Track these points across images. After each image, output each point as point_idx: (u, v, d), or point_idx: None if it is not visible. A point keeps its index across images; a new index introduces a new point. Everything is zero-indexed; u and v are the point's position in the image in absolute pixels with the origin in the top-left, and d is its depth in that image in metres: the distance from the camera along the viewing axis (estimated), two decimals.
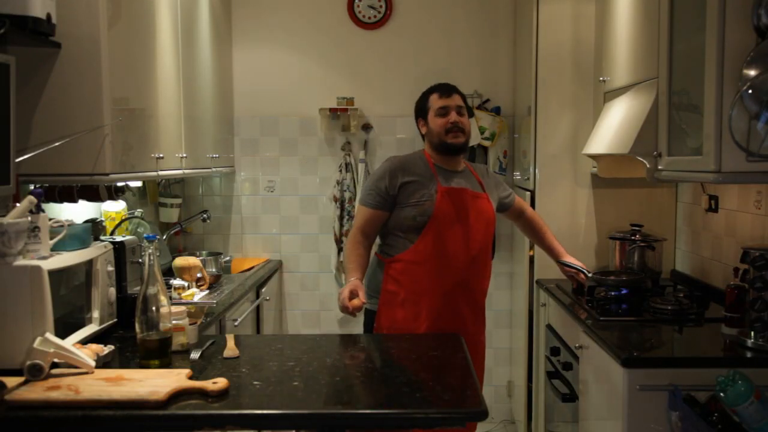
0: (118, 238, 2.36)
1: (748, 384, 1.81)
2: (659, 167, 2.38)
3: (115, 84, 2.26)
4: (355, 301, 2.29)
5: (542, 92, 3.30)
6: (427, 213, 2.45)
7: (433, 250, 2.45)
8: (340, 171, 3.94)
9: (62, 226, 2.01)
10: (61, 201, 2.45)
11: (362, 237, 2.52)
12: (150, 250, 1.90)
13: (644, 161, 2.44)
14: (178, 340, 2.00)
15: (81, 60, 2.17)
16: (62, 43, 2.14)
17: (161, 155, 2.66)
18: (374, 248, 2.61)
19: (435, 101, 2.57)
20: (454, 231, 2.47)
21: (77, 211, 2.74)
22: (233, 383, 1.71)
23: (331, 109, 3.88)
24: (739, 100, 1.86)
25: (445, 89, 2.60)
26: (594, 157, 3.09)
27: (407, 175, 2.49)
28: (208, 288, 2.98)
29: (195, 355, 1.93)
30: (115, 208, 3.01)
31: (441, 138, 2.52)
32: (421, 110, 2.62)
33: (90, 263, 2.11)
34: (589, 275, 2.78)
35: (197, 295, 2.67)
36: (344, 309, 2.32)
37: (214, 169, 3.54)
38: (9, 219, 1.77)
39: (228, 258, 3.93)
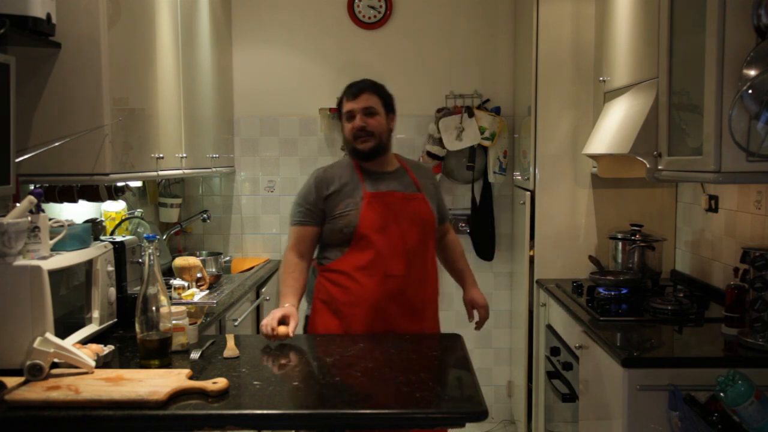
0: (118, 238, 2.36)
1: (748, 384, 1.81)
2: (659, 167, 2.38)
3: (115, 84, 2.26)
4: (282, 329, 2.08)
5: (542, 92, 3.30)
6: (353, 223, 2.31)
7: (363, 261, 2.31)
8: None
9: (62, 226, 2.01)
10: (61, 201, 2.45)
11: (297, 258, 2.39)
12: (150, 250, 1.90)
13: (644, 161, 2.44)
14: (178, 340, 2.00)
15: (81, 60, 2.17)
16: (62, 43, 2.15)
17: (161, 155, 2.66)
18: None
19: (344, 104, 2.42)
20: (386, 237, 2.31)
21: (77, 211, 2.74)
22: (233, 383, 1.71)
23: (331, 109, 3.88)
24: (739, 100, 1.86)
25: (353, 90, 2.42)
26: (594, 157, 3.09)
27: (332, 186, 2.36)
28: (208, 288, 2.98)
29: (195, 355, 1.93)
30: (115, 208, 3.01)
31: (350, 144, 2.39)
32: (339, 114, 2.48)
33: (90, 263, 2.11)
34: (485, 319, 2.59)
35: (197, 295, 2.67)
36: (268, 333, 2.08)
37: (214, 169, 3.54)
38: (9, 219, 1.77)
39: (228, 258, 3.93)
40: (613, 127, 2.74)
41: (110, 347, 1.95)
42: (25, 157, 2.07)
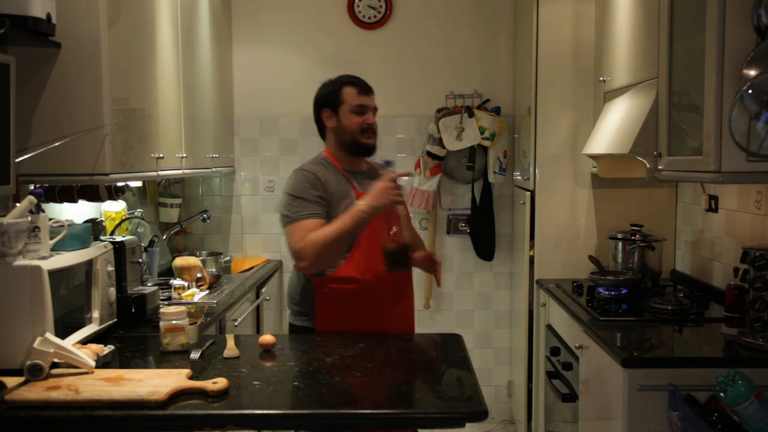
0: (118, 238, 2.36)
1: (748, 384, 1.81)
2: (659, 167, 2.38)
3: (115, 84, 2.26)
4: (268, 338, 2.02)
5: (542, 92, 3.30)
6: None
7: (367, 262, 2.23)
8: None
9: (62, 226, 2.01)
10: (61, 201, 2.45)
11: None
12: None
13: (644, 161, 2.44)
14: (178, 340, 2.00)
15: (81, 60, 2.17)
16: (62, 43, 2.15)
17: (161, 155, 2.66)
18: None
19: (352, 97, 2.32)
20: (381, 237, 2.23)
21: (77, 211, 2.74)
22: (233, 383, 1.71)
23: None
24: (739, 100, 1.86)
25: (364, 86, 2.36)
26: (594, 157, 3.09)
27: (329, 186, 2.25)
28: (208, 288, 2.98)
29: (195, 355, 1.93)
30: (115, 208, 3.01)
31: (354, 137, 2.31)
32: (329, 101, 2.35)
33: (90, 263, 2.11)
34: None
35: (197, 295, 2.67)
36: (396, 189, 2.08)
37: (214, 169, 3.54)
38: (9, 219, 1.77)
39: (228, 258, 3.93)
40: (613, 127, 2.74)
41: (110, 347, 1.95)
42: (25, 157, 2.07)
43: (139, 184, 3.36)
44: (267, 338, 2.03)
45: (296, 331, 2.38)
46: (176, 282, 2.63)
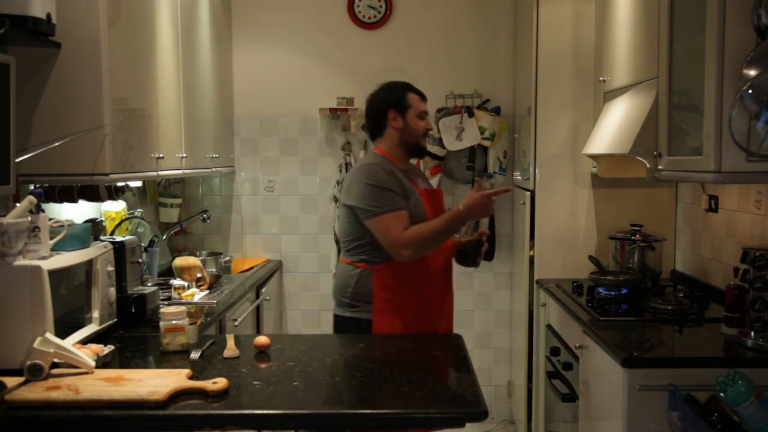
0: (118, 238, 2.36)
1: (748, 384, 1.81)
2: (659, 167, 2.38)
3: (115, 84, 2.26)
4: (263, 339, 2.03)
5: (542, 92, 3.30)
6: (423, 218, 2.41)
7: (429, 256, 2.44)
8: (340, 171, 3.94)
9: (62, 226, 2.01)
10: (61, 201, 2.45)
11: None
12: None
13: (644, 161, 2.44)
14: (178, 340, 2.00)
15: (81, 60, 2.17)
16: (62, 43, 2.15)
17: (161, 155, 2.66)
18: (346, 256, 2.50)
19: (417, 103, 2.53)
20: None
21: (77, 211, 2.74)
22: (233, 383, 1.71)
23: (331, 109, 3.88)
24: (739, 100, 1.86)
25: (424, 95, 2.58)
26: (594, 157, 3.09)
27: (403, 182, 2.43)
28: (208, 288, 2.98)
29: (195, 355, 1.93)
30: (115, 208, 3.01)
31: (418, 139, 2.52)
32: (398, 103, 2.51)
33: (90, 263, 2.11)
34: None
35: (197, 295, 2.67)
36: (486, 197, 2.32)
37: (214, 169, 3.55)
38: (9, 219, 1.77)
39: (228, 258, 3.93)
40: (613, 127, 2.74)
41: (110, 347, 1.95)
42: (25, 157, 2.07)
43: (139, 184, 3.36)
44: (261, 339, 2.03)
45: (344, 323, 2.46)
46: (176, 282, 2.63)
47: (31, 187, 2.23)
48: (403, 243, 2.32)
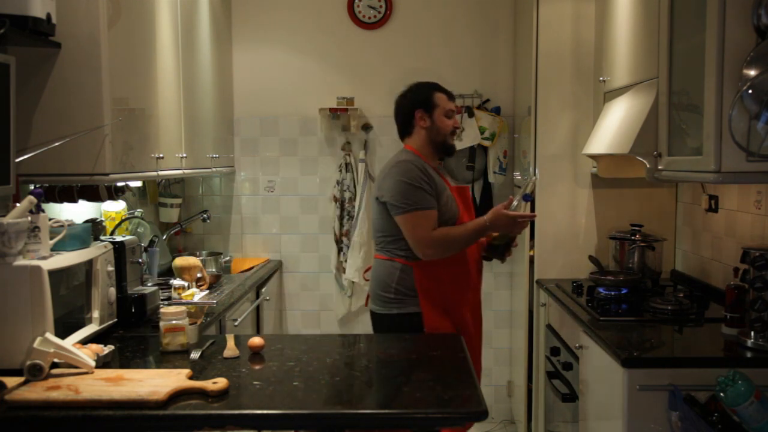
0: (118, 238, 2.36)
1: (748, 384, 1.81)
2: (659, 167, 2.38)
3: (115, 84, 2.26)
4: (257, 340, 2.02)
5: (542, 92, 3.30)
6: (456, 215, 2.49)
7: (466, 252, 2.51)
8: (340, 171, 3.94)
9: (62, 226, 2.01)
10: (61, 201, 2.45)
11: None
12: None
13: (644, 161, 2.44)
14: (178, 340, 2.00)
15: (81, 60, 2.17)
16: (62, 43, 2.15)
17: (161, 155, 2.66)
18: (382, 252, 2.53)
19: (444, 102, 2.57)
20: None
21: (77, 211, 2.74)
22: (233, 383, 1.71)
23: (331, 109, 3.88)
24: (739, 100, 1.86)
25: (451, 94, 2.62)
26: (594, 157, 3.09)
27: (435, 178, 2.47)
28: (208, 288, 2.98)
29: (195, 355, 1.93)
30: (115, 208, 3.01)
31: (446, 138, 2.57)
32: (425, 103, 2.56)
33: (90, 263, 2.11)
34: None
35: (197, 295, 2.67)
36: (517, 220, 2.39)
37: (214, 169, 3.55)
38: (9, 219, 1.77)
39: (228, 258, 3.93)
40: (613, 127, 2.74)
41: (110, 347, 1.95)
42: (25, 157, 2.07)
43: (139, 184, 3.36)
44: (255, 341, 2.02)
45: (390, 321, 2.46)
46: (176, 282, 2.63)
47: (31, 187, 2.23)
48: (429, 242, 2.38)
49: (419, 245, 2.40)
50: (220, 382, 1.66)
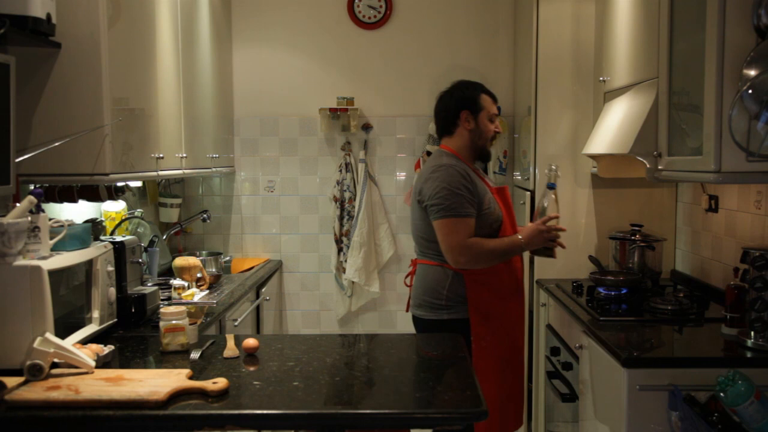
0: (118, 238, 2.36)
1: (748, 384, 1.81)
2: (659, 167, 2.38)
3: (115, 84, 2.26)
4: (252, 341, 1.99)
5: (542, 92, 3.30)
6: (500, 218, 2.46)
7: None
8: (340, 171, 3.94)
9: (62, 226, 2.01)
10: (61, 201, 2.45)
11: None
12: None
13: (644, 161, 2.44)
14: (178, 340, 2.00)
15: (81, 60, 2.17)
16: (62, 43, 2.15)
17: (161, 155, 2.66)
18: (428, 257, 2.49)
19: (489, 105, 2.52)
20: (513, 227, 2.53)
21: (77, 211, 2.74)
22: (233, 383, 1.71)
23: (331, 109, 3.88)
24: (739, 100, 1.86)
25: (495, 97, 2.58)
26: (594, 157, 3.09)
27: (476, 182, 2.43)
28: (208, 288, 2.98)
29: (195, 355, 1.93)
30: (115, 208, 3.01)
31: (486, 142, 2.53)
32: (472, 104, 2.49)
33: (90, 263, 2.11)
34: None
35: (197, 295, 2.67)
36: (548, 232, 2.42)
37: (214, 169, 3.55)
38: (9, 219, 1.77)
39: (228, 258, 3.93)
40: (613, 127, 2.74)
41: (110, 347, 1.95)
42: (25, 157, 2.07)
43: (139, 184, 3.36)
44: (249, 342, 2.01)
45: (431, 326, 2.45)
46: (176, 282, 2.63)
47: (31, 187, 2.23)
48: (462, 250, 2.34)
49: (452, 252, 2.35)
50: (220, 382, 1.66)
